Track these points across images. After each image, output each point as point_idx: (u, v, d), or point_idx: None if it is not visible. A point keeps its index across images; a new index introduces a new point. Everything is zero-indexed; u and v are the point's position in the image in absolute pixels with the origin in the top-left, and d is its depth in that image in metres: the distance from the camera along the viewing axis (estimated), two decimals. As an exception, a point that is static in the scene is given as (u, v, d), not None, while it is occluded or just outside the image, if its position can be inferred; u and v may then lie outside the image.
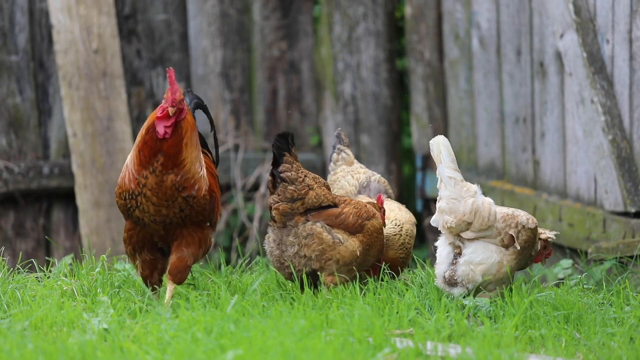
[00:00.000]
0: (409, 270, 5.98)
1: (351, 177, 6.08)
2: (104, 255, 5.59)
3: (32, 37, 7.76)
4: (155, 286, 5.27)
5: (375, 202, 5.76)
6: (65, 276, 5.52)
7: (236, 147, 8.31)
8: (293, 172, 5.37)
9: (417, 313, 5.06)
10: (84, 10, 7.73)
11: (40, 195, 7.84)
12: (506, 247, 5.40)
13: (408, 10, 8.16)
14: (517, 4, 7.32)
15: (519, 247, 5.38)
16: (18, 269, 5.63)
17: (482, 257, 5.38)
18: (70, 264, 6.07)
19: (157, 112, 5.08)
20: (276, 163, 5.38)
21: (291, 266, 5.36)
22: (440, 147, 5.43)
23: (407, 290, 5.39)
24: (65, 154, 7.82)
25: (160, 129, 5.08)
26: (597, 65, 6.62)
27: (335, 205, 5.44)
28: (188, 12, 8.19)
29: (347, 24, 8.32)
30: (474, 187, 5.44)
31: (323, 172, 8.43)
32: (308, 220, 5.38)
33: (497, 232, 5.39)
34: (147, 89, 8.14)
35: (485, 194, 5.58)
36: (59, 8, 7.69)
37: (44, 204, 7.89)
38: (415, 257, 5.98)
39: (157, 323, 4.83)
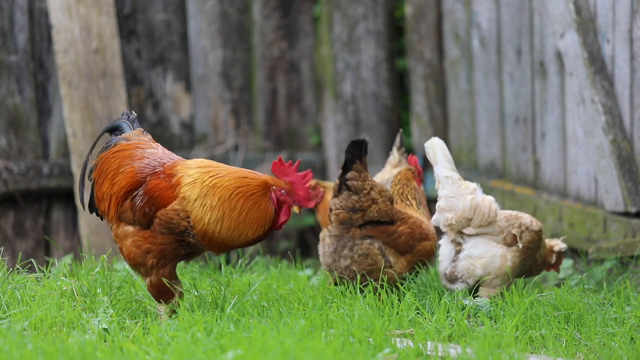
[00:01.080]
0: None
1: (381, 176, 6.11)
2: (104, 256, 5.58)
3: (32, 37, 7.75)
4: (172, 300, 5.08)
5: (410, 166, 5.81)
6: (65, 276, 5.51)
7: (236, 147, 8.31)
8: (359, 182, 5.36)
9: (417, 313, 5.06)
10: (83, 10, 7.72)
11: (40, 195, 7.83)
12: (509, 245, 5.41)
13: (408, 9, 8.15)
14: (517, 3, 7.32)
15: (521, 246, 5.40)
16: (18, 269, 5.63)
17: (482, 251, 5.40)
18: (70, 264, 6.06)
19: (282, 213, 4.90)
20: (345, 168, 5.37)
21: (336, 275, 5.38)
22: (435, 149, 5.46)
23: (407, 290, 5.39)
24: (65, 154, 7.81)
25: (280, 226, 4.97)
26: (598, 65, 6.61)
27: (392, 222, 5.43)
28: (188, 11, 8.19)
29: (347, 23, 8.31)
30: (473, 185, 5.46)
31: (322, 172, 8.43)
32: (365, 237, 5.38)
33: (499, 230, 5.41)
34: (146, 89, 8.14)
35: (485, 193, 5.59)
36: (59, 8, 7.68)
37: (44, 204, 7.88)
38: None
39: (157, 323, 4.83)
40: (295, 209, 4.91)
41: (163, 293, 4.97)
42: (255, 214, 4.89)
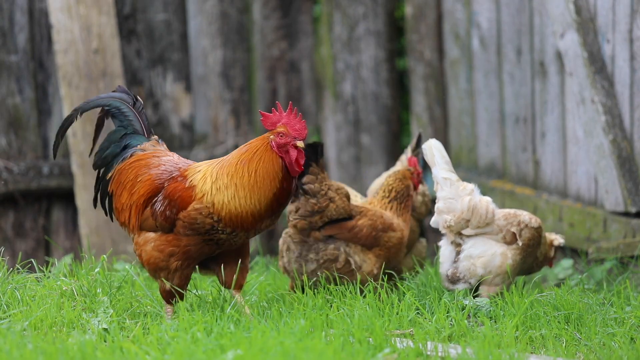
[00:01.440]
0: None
1: (383, 178, 6.07)
2: (104, 256, 5.58)
3: (32, 36, 7.75)
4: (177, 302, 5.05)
5: (409, 167, 5.78)
6: (65, 276, 5.51)
7: (236, 147, 8.30)
8: (316, 184, 5.35)
9: (417, 313, 5.05)
10: (83, 10, 7.72)
11: (40, 195, 7.83)
12: (509, 243, 5.42)
13: (408, 9, 8.15)
14: (517, 3, 7.31)
15: (521, 244, 5.40)
16: (18, 269, 5.62)
17: (482, 250, 5.40)
18: (70, 264, 6.06)
19: (290, 155, 4.84)
20: (301, 173, 5.36)
21: (303, 279, 5.36)
22: (433, 150, 5.47)
23: (407, 290, 5.38)
24: (65, 154, 7.81)
25: (298, 167, 4.88)
26: (598, 65, 6.61)
27: (351, 217, 5.41)
28: (188, 11, 8.19)
29: (347, 23, 8.31)
30: (471, 186, 5.47)
31: (323, 172, 8.42)
32: (328, 238, 5.36)
33: (498, 229, 5.42)
34: (146, 89, 8.13)
35: (485, 194, 5.60)
36: (59, 8, 7.68)
37: (44, 204, 7.88)
38: (415, 257, 5.98)
39: (157, 323, 4.83)
40: (299, 143, 4.84)
41: (174, 295, 4.98)
42: (263, 170, 4.85)
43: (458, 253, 5.46)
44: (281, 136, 4.88)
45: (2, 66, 7.68)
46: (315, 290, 5.37)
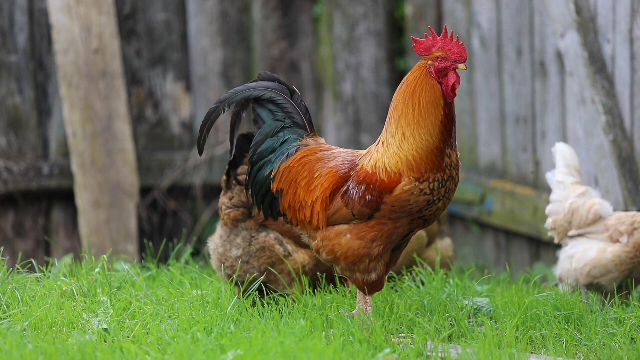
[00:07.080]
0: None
1: None
2: (104, 256, 5.57)
3: (32, 36, 7.75)
4: None
5: None
6: (65, 276, 5.51)
7: (236, 147, 8.30)
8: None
9: (417, 314, 5.05)
10: (83, 10, 7.72)
11: (39, 195, 7.83)
12: (615, 242, 5.44)
13: (408, 9, 8.15)
14: (517, 3, 7.31)
15: (625, 240, 5.38)
16: (17, 269, 5.62)
17: (578, 249, 5.47)
18: (70, 264, 6.06)
19: (448, 79, 4.62)
20: (234, 164, 5.26)
21: (225, 268, 5.23)
22: (557, 154, 5.68)
23: (409, 289, 5.38)
24: (64, 154, 7.81)
25: (454, 93, 4.65)
26: (598, 65, 6.61)
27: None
28: (188, 11, 8.19)
29: (347, 23, 8.31)
30: (583, 188, 5.55)
31: (323, 172, 8.42)
32: (260, 227, 5.22)
33: (604, 229, 5.43)
34: (146, 89, 8.13)
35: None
36: (59, 8, 7.68)
37: (44, 204, 7.88)
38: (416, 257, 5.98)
39: (157, 323, 4.83)
40: (461, 66, 4.65)
41: (376, 285, 4.75)
42: (425, 99, 4.67)
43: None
44: (440, 60, 4.68)
45: (2, 66, 7.68)
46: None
